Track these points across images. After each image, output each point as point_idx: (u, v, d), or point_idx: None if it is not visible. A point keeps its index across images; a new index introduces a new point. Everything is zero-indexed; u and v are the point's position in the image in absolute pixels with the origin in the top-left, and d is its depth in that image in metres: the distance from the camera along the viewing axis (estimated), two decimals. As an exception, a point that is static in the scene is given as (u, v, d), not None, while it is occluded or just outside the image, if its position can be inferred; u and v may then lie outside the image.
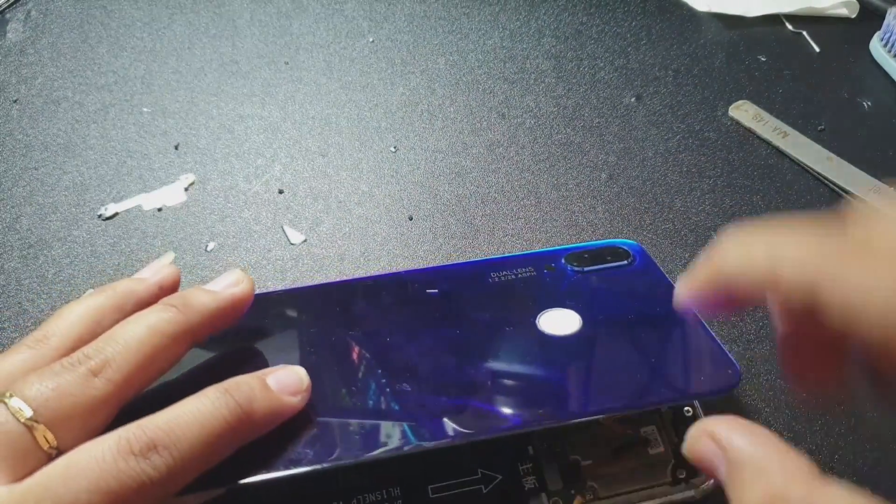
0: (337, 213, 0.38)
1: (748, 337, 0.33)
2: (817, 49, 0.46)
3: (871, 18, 0.47)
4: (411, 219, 0.38)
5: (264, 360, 0.28)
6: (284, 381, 0.25)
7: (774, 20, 0.48)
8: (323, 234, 0.37)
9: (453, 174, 0.40)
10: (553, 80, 0.45)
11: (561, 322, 0.29)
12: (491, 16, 0.50)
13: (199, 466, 0.22)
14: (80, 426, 0.22)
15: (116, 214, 0.38)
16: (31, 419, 0.21)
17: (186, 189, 0.39)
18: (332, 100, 0.44)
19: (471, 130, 0.42)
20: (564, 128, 0.42)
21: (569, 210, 0.38)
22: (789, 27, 0.48)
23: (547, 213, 0.38)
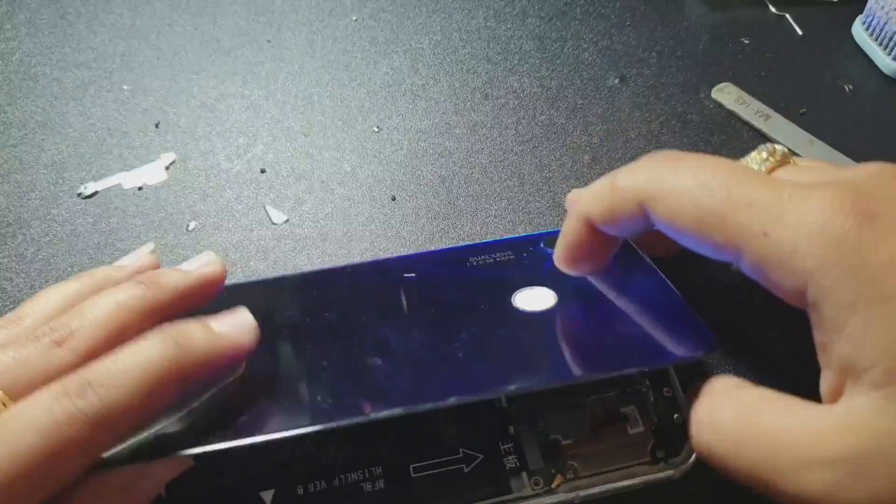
0: (319, 193, 0.38)
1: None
2: (800, 32, 0.46)
3: (853, 2, 0.47)
4: (394, 199, 0.38)
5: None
6: (228, 322, 0.25)
7: (758, 3, 0.48)
8: (305, 214, 0.37)
9: (436, 154, 0.40)
10: (537, 61, 0.45)
11: (536, 299, 0.29)
12: (475, -5, 0.49)
13: (139, 408, 0.22)
14: None
15: (96, 193, 0.38)
16: None
17: (167, 168, 0.39)
18: (314, 79, 0.43)
19: (454, 111, 0.42)
20: (548, 109, 0.42)
21: (552, 191, 0.38)
22: (773, 10, 0.48)
23: (530, 194, 0.38)
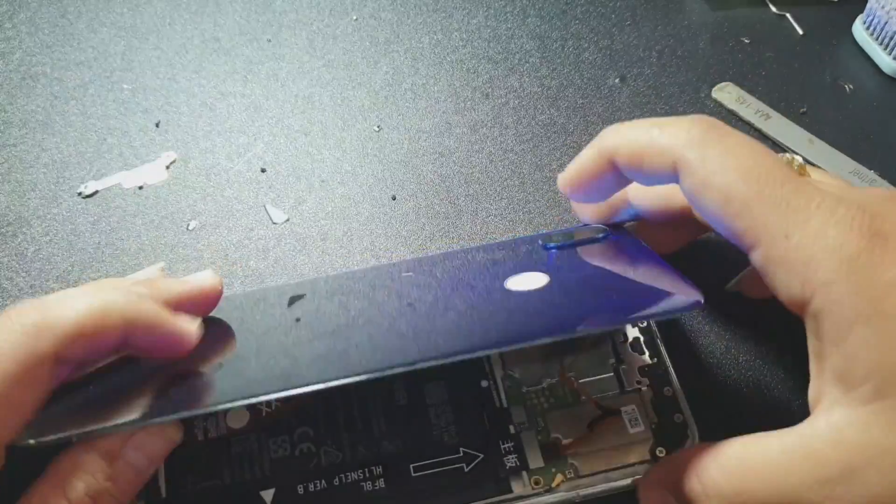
0: (320, 193, 0.38)
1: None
2: (800, 31, 0.46)
3: (854, 1, 0.47)
4: (394, 198, 0.38)
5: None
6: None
7: (758, 2, 0.48)
8: (306, 214, 0.37)
9: (437, 154, 0.40)
10: (537, 61, 0.45)
11: (528, 281, 0.29)
12: (476, -6, 0.49)
13: (86, 339, 0.22)
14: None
15: (96, 192, 0.38)
16: None
17: (168, 167, 0.39)
18: (315, 78, 0.43)
19: (455, 110, 0.42)
20: (548, 108, 0.42)
21: (552, 191, 0.38)
22: (773, 9, 0.48)
23: (530, 193, 0.38)
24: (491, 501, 0.27)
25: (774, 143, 0.40)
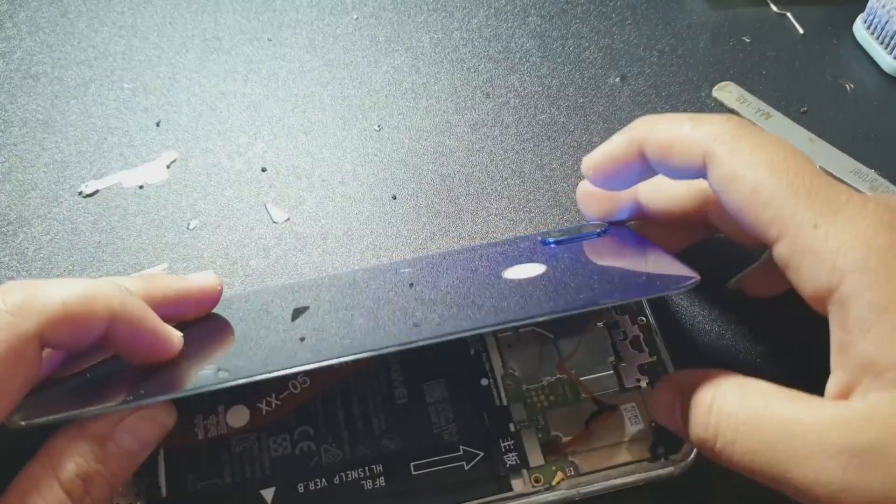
0: (320, 192, 0.38)
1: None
2: (801, 31, 0.46)
3: (855, 0, 0.47)
4: (395, 198, 0.38)
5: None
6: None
7: (759, 1, 0.48)
8: (306, 213, 0.37)
9: (437, 153, 0.40)
10: (538, 60, 0.45)
11: (525, 271, 0.29)
12: (476, -6, 0.49)
13: (71, 323, 0.22)
14: None
15: (97, 192, 0.38)
16: None
17: (168, 166, 0.39)
18: (315, 77, 0.43)
19: (455, 109, 0.42)
20: (549, 107, 0.42)
21: (552, 190, 0.38)
22: (774, 8, 0.48)
23: (531, 192, 0.38)
24: (491, 499, 0.27)
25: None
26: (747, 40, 0.46)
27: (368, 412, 0.29)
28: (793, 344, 0.33)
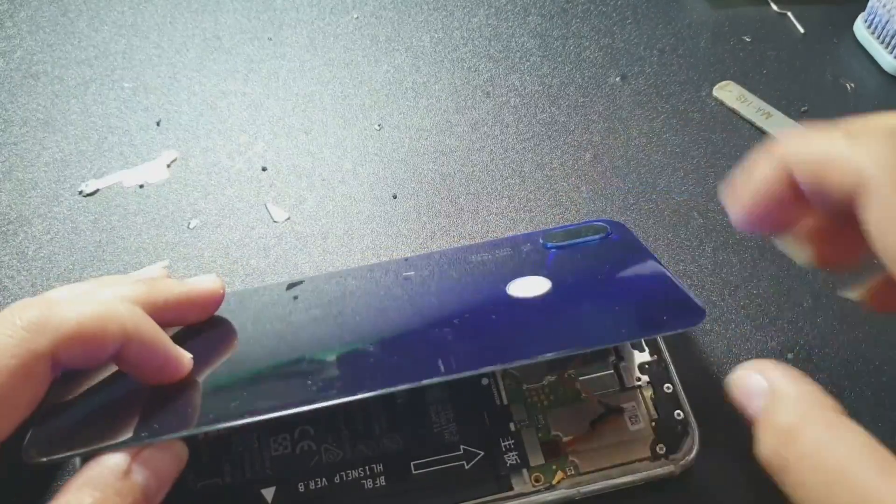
0: (320, 191, 0.38)
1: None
2: (802, 30, 0.46)
3: (855, 0, 0.47)
4: (395, 197, 0.38)
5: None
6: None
7: (760, 1, 0.48)
8: (306, 212, 0.37)
9: (438, 152, 0.40)
10: (538, 59, 0.45)
11: (530, 286, 0.29)
12: (476, -7, 0.49)
13: (84, 343, 0.22)
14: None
15: (97, 191, 0.38)
16: None
17: (168, 166, 0.39)
18: (315, 76, 0.43)
19: (455, 109, 0.42)
20: (549, 107, 0.42)
21: (553, 189, 0.38)
22: (774, 8, 0.48)
23: (531, 192, 0.38)
24: (491, 499, 0.27)
25: (775, 142, 0.40)
26: (748, 39, 0.46)
27: (369, 411, 0.29)
28: (792, 343, 0.33)
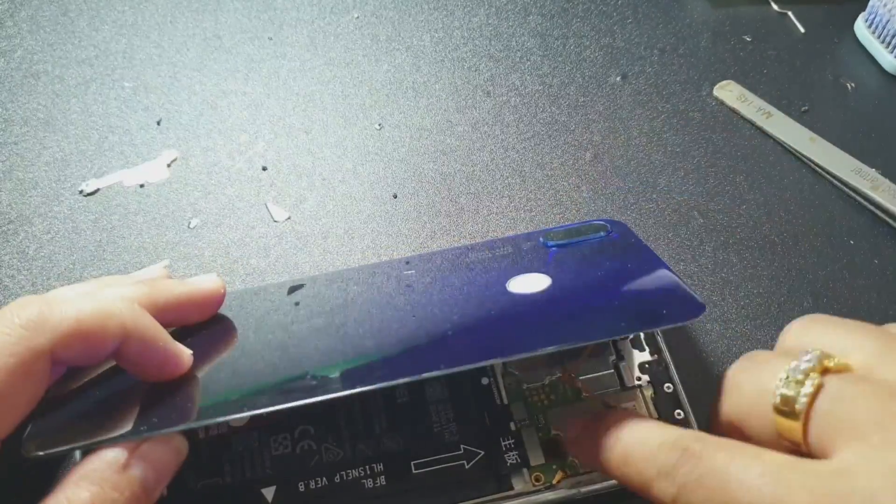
0: (321, 191, 0.38)
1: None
2: (802, 30, 0.46)
3: (856, -1, 0.47)
4: (396, 197, 0.38)
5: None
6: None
7: (760, 0, 0.48)
8: (307, 212, 0.37)
9: (438, 152, 0.40)
10: (539, 59, 0.45)
11: (530, 283, 0.29)
12: (477, -7, 0.49)
13: (83, 340, 0.23)
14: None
15: (98, 190, 0.38)
16: None
17: (169, 165, 0.39)
18: (316, 76, 0.43)
19: (456, 108, 0.42)
20: (550, 106, 0.42)
21: (553, 189, 0.38)
22: (775, 7, 0.48)
23: (532, 191, 0.38)
24: (492, 498, 0.27)
25: (776, 142, 0.40)
26: (748, 39, 0.46)
27: (369, 411, 0.29)
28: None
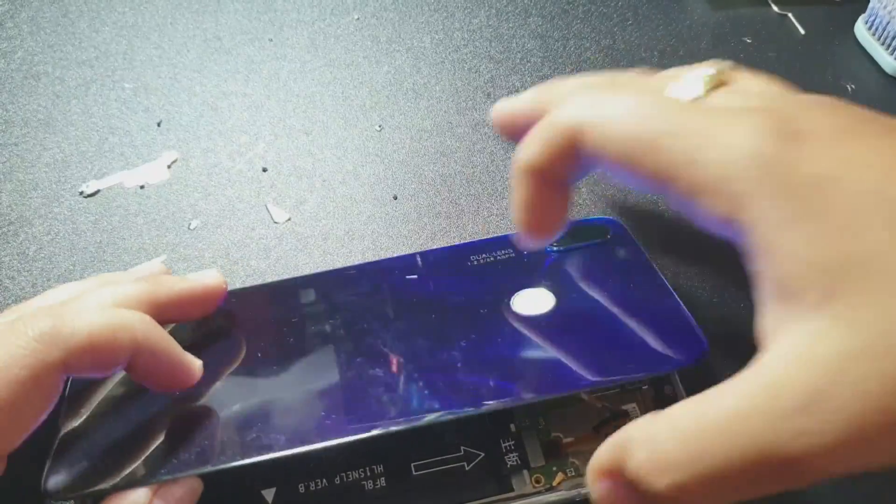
0: (321, 192, 0.38)
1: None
2: (802, 31, 0.46)
3: (856, 1, 0.47)
4: (396, 198, 0.38)
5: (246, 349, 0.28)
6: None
7: (760, 2, 0.48)
8: (307, 213, 0.37)
9: (438, 153, 0.40)
10: (539, 60, 0.45)
11: (533, 302, 0.29)
12: (477, -6, 0.49)
13: (95, 353, 0.23)
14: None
15: (98, 192, 0.38)
16: None
17: (169, 166, 0.39)
18: (316, 77, 0.43)
19: (456, 110, 0.42)
20: (550, 108, 0.42)
21: (553, 190, 0.38)
22: (775, 9, 0.48)
23: (532, 193, 0.38)
24: (492, 500, 0.27)
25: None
26: (748, 41, 0.46)
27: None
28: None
